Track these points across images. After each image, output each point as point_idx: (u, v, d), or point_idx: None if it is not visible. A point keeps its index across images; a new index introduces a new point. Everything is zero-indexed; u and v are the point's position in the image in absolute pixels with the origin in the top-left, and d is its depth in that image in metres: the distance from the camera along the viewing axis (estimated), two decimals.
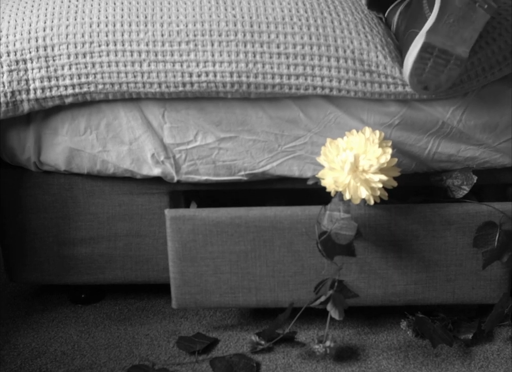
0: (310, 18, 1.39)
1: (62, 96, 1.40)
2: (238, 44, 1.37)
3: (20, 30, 1.40)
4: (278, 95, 1.42)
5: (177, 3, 1.41)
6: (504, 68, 1.40)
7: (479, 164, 1.49)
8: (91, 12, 1.41)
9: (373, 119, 1.45)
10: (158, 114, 1.45)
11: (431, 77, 1.30)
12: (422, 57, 1.29)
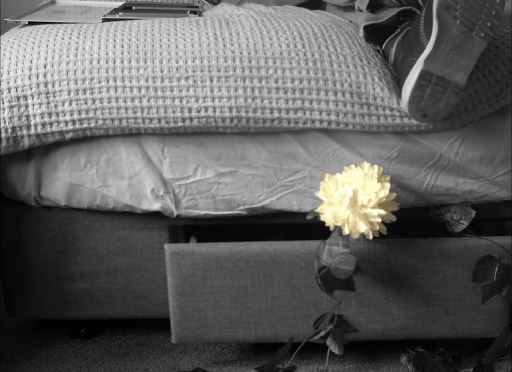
0: (308, 52, 1.41)
1: (62, 131, 1.41)
2: (237, 79, 1.39)
3: (21, 67, 1.41)
4: (277, 130, 1.43)
5: (176, 40, 1.43)
6: (501, 100, 1.41)
7: (477, 197, 1.49)
8: (91, 48, 1.42)
9: (371, 152, 1.46)
10: (158, 149, 1.46)
11: (430, 104, 1.31)
12: (420, 84, 1.30)
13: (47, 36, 1.46)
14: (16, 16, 1.64)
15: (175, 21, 1.51)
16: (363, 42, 1.48)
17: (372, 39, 1.49)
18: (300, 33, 1.44)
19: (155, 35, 1.44)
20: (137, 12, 1.68)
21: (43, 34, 1.47)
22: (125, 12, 1.68)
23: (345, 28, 1.51)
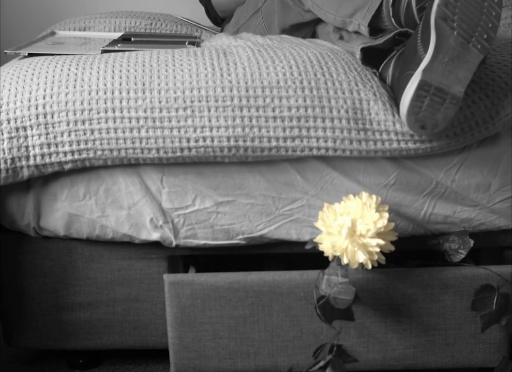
0: (304, 80, 1.41)
1: (61, 162, 1.42)
2: (234, 109, 1.39)
3: (21, 98, 1.42)
4: (275, 158, 1.44)
5: (174, 71, 1.43)
6: (497, 123, 1.42)
7: (475, 226, 1.49)
8: (90, 79, 1.42)
9: (368, 179, 1.46)
10: (156, 179, 1.46)
11: (428, 115, 1.31)
12: (419, 95, 1.30)
13: (46, 67, 1.47)
14: (16, 48, 1.65)
15: (173, 52, 1.52)
16: (360, 66, 1.48)
17: (368, 62, 1.50)
18: (296, 62, 1.45)
19: (154, 66, 1.45)
20: (136, 43, 1.70)
21: (42, 65, 1.48)
22: (124, 43, 1.69)
23: (341, 55, 1.52)
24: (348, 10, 1.56)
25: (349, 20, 1.56)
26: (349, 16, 1.56)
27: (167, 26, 2.11)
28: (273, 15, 1.88)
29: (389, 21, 1.46)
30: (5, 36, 2.68)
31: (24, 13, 2.72)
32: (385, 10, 1.45)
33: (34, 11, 2.72)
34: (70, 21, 2.12)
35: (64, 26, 2.10)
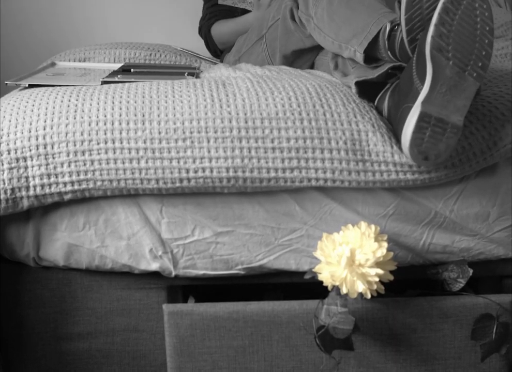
0: (303, 112, 1.42)
1: (61, 193, 1.42)
2: (233, 140, 1.40)
3: (21, 129, 1.42)
4: (274, 189, 1.44)
5: (174, 102, 1.44)
6: (495, 154, 1.43)
7: (474, 255, 1.50)
8: (90, 110, 1.43)
9: (367, 210, 1.47)
10: (156, 209, 1.47)
11: (430, 146, 1.32)
12: (420, 126, 1.31)
13: (46, 98, 1.48)
14: (17, 79, 1.66)
15: (172, 83, 1.53)
16: (358, 98, 1.50)
17: (364, 95, 1.51)
18: (295, 93, 1.46)
19: (153, 97, 1.46)
20: (136, 74, 1.71)
21: (42, 96, 1.49)
22: (123, 74, 1.70)
23: (339, 87, 1.53)
24: (347, 35, 1.57)
25: (346, 45, 1.58)
26: (346, 41, 1.57)
27: (166, 56, 2.13)
28: (276, 41, 1.90)
29: (385, 53, 1.47)
30: (5, 67, 2.69)
31: (24, 44, 2.74)
32: (381, 41, 1.47)
33: (34, 42, 2.74)
34: (70, 52, 2.14)
35: (65, 57, 2.11)
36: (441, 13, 1.28)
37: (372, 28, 1.49)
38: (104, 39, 2.53)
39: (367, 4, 1.56)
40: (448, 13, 1.28)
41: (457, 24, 1.28)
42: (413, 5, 1.36)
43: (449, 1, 1.28)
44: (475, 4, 1.29)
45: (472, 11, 1.29)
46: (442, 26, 1.28)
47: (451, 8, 1.28)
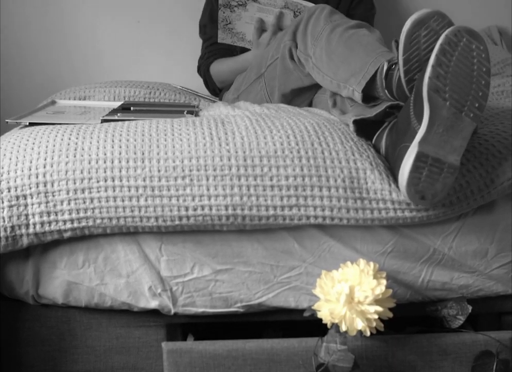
0: (301, 150, 1.43)
1: (61, 230, 1.42)
2: (232, 178, 1.41)
3: (21, 167, 1.43)
4: (273, 227, 1.45)
5: (173, 140, 1.45)
6: (492, 191, 1.44)
7: (473, 292, 1.50)
8: (90, 149, 1.44)
9: (366, 247, 1.47)
10: (155, 247, 1.47)
11: (427, 186, 1.33)
12: (417, 166, 1.31)
13: (47, 137, 1.49)
14: (17, 117, 1.67)
15: (172, 121, 1.54)
16: (356, 136, 1.51)
17: (362, 134, 1.52)
18: (293, 131, 1.47)
19: (153, 135, 1.47)
20: (135, 113, 1.72)
21: (43, 135, 1.50)
22: (123, 112, 1.72)
23: (337, 125, 1.54)
24: (345, 74, 1.59)
25: (344, 85, 1.59)
26: (345, 81, 1.59)
27: (166, 94, 2.14)
28: (275, 80, 1.92)
29: (383, 91, 1.48)
30: (6, 105, 2.70)
31: (24, 82, 2.75)
32: (379, 81, 1.48)
33: (34, 80, 2.75)
34: (70, 90, 2.15)
35: (65, 95, 2.12)
36: (438, 54, 1.29)
37: (370, 68, 1.50)
38: (104, 78, 2.55)
39: (365, 44, 1.58)
40: (445, 54, 1.29)
41: (454, 65, 1.30)
42: (411, 46, 1.37)
43: (446, 43, 1.29)
44: (471, 46, 1.30)
45: (469, 53, 1.30)
46: (440, 67, 1.30)
47: (448, 49, 1.29)
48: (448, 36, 1.30)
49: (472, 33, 1.31)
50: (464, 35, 1.30)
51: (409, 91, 1.40)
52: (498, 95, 1.99)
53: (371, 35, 1.63)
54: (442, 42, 1.29)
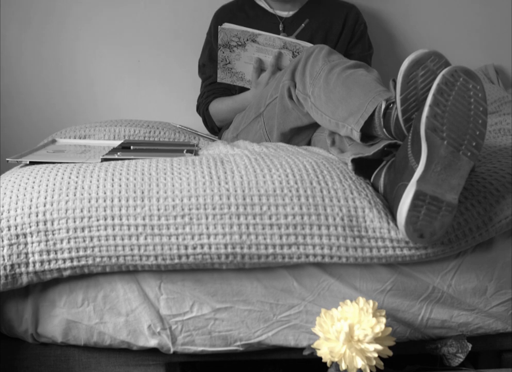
0: (300, 188, 1.44)
1: (60, 269, 1.43)
2: (231, 216, 1.41)
3: (21, 205, 1.43)
4: (272, 265, 1.45)
5: (173, 179, 1.46)
6: (491, 229, 1.44)
7: (473, 329, 1.50)
8: (90, 187, 1.45)
9: (365, 285, 1.47)
10: (155, 286, 1.47)
11: (425, 224, 1.33)
12: (415, 204, 1.32)
13: (47, 175, 1.50)
14: (18, 156, 1.68)
15: (171, 160, 1.55)
16: (354, 175, 1.52)
17: (360, 172, 1.53)
18: (292, 170, 1.48)
19: (152, 174, 1.48)
20: (135, 152, 1.73)
21: (43, 173, 1.51)
22: (123, 151, 1.73)
23: (336, 164, 1.55)
24: (343, 114, 1.60)
25: (342, 124, 1.61)
26: (343, 120, 1.60)
27: (165, 133, 2.16)
28: (273, 119, 1.94)
29: (381, 130, 1.49)
30: (6, 144, 2.72)
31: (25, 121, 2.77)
32: (377, 120, 1.50)
33: (35, 119, 2.77)
34: (71, 129, 2.16)
35: (65, 134, 2.13)
36: (435, 94, 1.31)
37: (368, 107, 1.52)
38: (104, 117, 2.57)
39: (362, 84, 1.59)
40: (443, 94, 1.31)
41: (451, 104, 1.31)
42: (409, 86, 1.39)
43: (443, 82, 1.31)
44: (468, 86, 1.32)
45: (466, 92, 1.32)
46: (437, 106, 1.31)
47: (446, 89, 1.31)
48: (445, 76, 1.31)
49: (469, 73, 1.32)
50: (461, 75, 1.32)
51: (407, 130, 1.41)
52: (496, 133, 2.00)
53: (368, 75, 1.64)
54: (439, 81, 1.31)
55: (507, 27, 2.77)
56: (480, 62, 2.74)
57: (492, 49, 2.79)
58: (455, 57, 1.89)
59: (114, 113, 2.70)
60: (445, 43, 2.75)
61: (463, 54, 2.74)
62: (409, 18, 2.77)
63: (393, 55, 2.76)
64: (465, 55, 2.75)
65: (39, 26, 2.72)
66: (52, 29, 2.73)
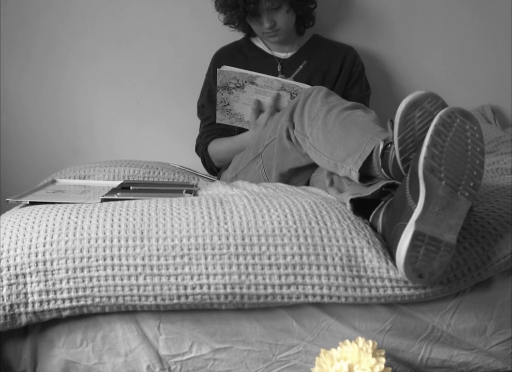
0: (299, 229, 1.45)
1: (59, 309, 1.43)
2: (230, 256, 1.42)
3: (21, 245, 1.44)
4: (271, 305, 1.45)
5: (172, 219, 1.47)
6: (489, 268, 1.44)
7: (473, 369, 1.49)
8: (90, 228, 1.46)
9: (364, 325, 1.47)
10: (154, 326, 1.47)
11: (424, 264, 1.33)
12: (414, 245, 1.32)
13: (47, 216, 1.50)
14: (18, 196, 1.69)
15: (171, 201, 1.56)
16: (353, 215, 1.53)
17: (358, 212, 1.54)
18: (291, 211, 1.49)
19: (152, 215, 1.49)
20: (135, 192, 1.74)
21: (43, 214, 1.52)
22: (123, 191, 1.74)
23: (334, 204, 1.56)
24: (342, 155, 1.61)
25: (341, 164, 1.62)
26: (342, 161, 1.61)
27: (165, 174, 2.17)
28: (272, 160, 1.95)
29: (379, 170, 1.50)
30: (6, 184, 2.72)
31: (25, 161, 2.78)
32: (375, 160, 1.51)
33: (35, 159, 2.78)
34: (70, 169, 2.18)
35: (65, 174, 2.15)
36: (433, 135, 1.32)
37: (366, 148, 1.53)
38: (103, 157, 2.58)
39: (360, 124, 1.61)
40: (440, 135, 1.32)
41: (449, 145, 1.32)
42: (406, 126, 1.40)
43: (440, 124, 1.32)
44: (465, 126, 1.33)
45: (463, 133, 1.33)
46: (434, 147, 1.32)
47: (443, 130, 1.32)
48: (442, 117, 1.32)
49: (466, 114, 1.34)
50: (458, 116, 1.33)
51: (405, 170, 1.42)
52: (493, 173, 2.01)
53: (366, 115, 1.66)
54: (436, 122, 1.32)
55: (502, 67, 2.80)
56: (477, 102, 2.76)
57: (489, 90, 2.82)
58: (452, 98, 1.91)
59: (114, 154, 2.71)
60: (441, 83, 2.77)
61: (460, 95, 2.76)
62: (406, 60, 2.80)
63: (390, 95, 2.79)
64: (462, 95, 2.77)
65: (39, 67, 2.75)
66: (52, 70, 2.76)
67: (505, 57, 2.79)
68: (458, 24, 2.78)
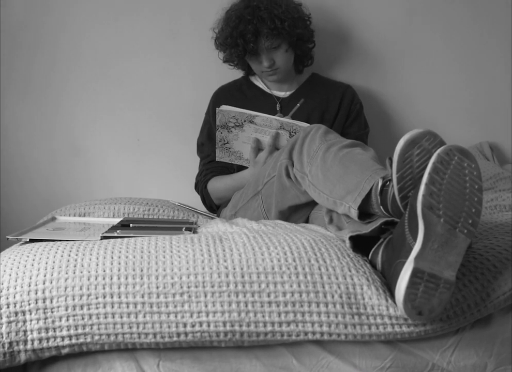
0: (298, 266, 1.45)
1: (59, 347, 1.42)
2: (230, 294, 1.42)
3: (21, 283, 1.44)
4: (271, 343, 1.44)
5: (172, 257, 1.47)
6: (489, 305, 1.44)
7: None
8: (89, 265, 1.46)
9: (365, 363, 1.46)
10: (153, 364, 1.46)
11: (424, 301, 1.33)
12: (413, 282, 1.32)
13: (47, 253, 1.51)
14: (18, 233, 1.69)
15: (170, 238, 1.57)
16: (352, 253, 1.53)
17: (358, 250, 1.54)
18: (290, 248, 1.49)
19: (152, 252, 1.49)
20: (135, 229, 1.75)
21: (43, 251, 1.52)
22: (123, 229, 1.74)
23: (334, 241, 1.56)
24: (341, 192, 1.62)
25: (340, 202, 1.62)
26: (341, 198, 1.62)
27: (164, 211, 2.17)
28: (271, 197, 1.95)
29: (378, 208, 1.51)
30: (6, 222, 2.73)
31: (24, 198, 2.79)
32: (374, 197, 1.51)
33: (34, 196, 2.79)
34: (70, 207, 2.18)
35: (65, 211, 2.15)
36: (431, 172, 1.33)
37: (365, 185, 1.54)
38: (103, 195, 2.59)
39: (359, 162, 1.62)
40: (438, 172, 1.33)
41: (447, 183, 1.33)
42: (405, 164, 1.41)
43: (438, 161, 1.33)
44: (463, 164, 1.34)
45: (461, 170, 1.34)
46: (433, 185, 1.33)
47: (441, 168, 1.33)
48: (440, 155, 1.33)
49: (464, 151, 1.35)
50: (456, 154, 1.34)
51: (403, 207, 1.43)
52: (492, 210, 2.02)
53: (365, 153, 1.67)
54: (435, 160, 1.33)
55: (499, 104, 2.82)
56: (475, 139, 2.78)
57: (486, 127, 2.83)
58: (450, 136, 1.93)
59: (113, 191, 2.72)
60: (439, 121, 2.79)
61: (458, 132, 2.78)
62: (404, 98, 2.82)
63: (388, 133, 2.81)
64: (460, 133, 2.79)
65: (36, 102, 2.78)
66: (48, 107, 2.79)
67: (502, 94, 2.82)
68: (455, 62, 2.81)
